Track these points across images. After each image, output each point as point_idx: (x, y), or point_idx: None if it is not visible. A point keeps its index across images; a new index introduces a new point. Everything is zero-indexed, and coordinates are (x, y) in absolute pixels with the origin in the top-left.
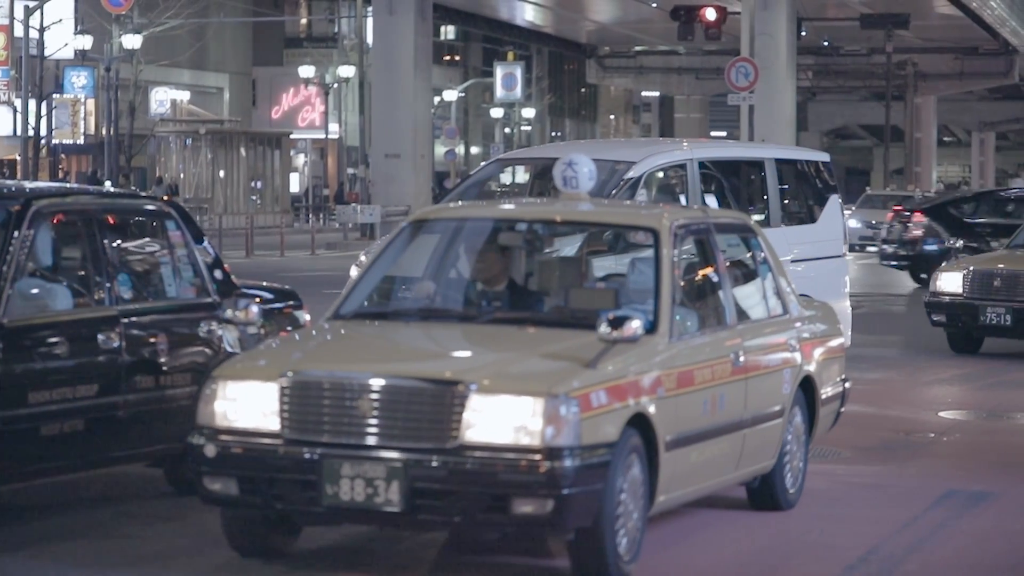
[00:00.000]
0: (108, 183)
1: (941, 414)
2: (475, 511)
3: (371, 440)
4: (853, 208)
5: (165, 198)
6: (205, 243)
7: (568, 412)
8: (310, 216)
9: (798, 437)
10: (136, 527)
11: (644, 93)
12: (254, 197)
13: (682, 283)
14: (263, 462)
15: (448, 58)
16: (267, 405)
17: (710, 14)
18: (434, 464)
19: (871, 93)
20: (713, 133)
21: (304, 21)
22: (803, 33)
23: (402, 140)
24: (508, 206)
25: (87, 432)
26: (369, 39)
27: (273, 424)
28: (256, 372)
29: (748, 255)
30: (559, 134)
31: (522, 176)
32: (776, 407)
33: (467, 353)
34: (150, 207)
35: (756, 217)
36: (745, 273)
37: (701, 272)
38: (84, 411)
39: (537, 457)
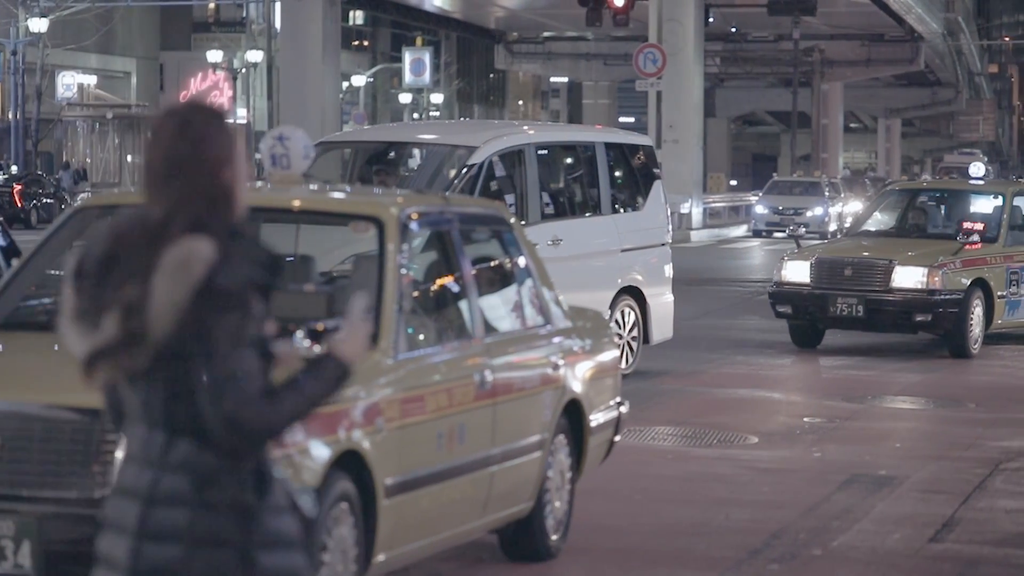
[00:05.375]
0: (14, 167)
1: (844, 399)
2: None
3: None
4: (760, 194)
5: None
6: None
7: None
8: None
9: (562, 473)
10: None
11: (552, 79)
12: None
13: (414, 287)
14: None
15: (357, 43)
16: None
17: (618, 0)
18: (77, 519)
19: (778, 79)
20: (621, 119)
21: (212, 5)
22: (710, 19)
23: (310, 125)
24: None
25: None
26: (278, 23)
27: None
28: None
29: (502, 254)
30: (467, 119)
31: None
32: (534, 438)
33: None
34: None
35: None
36: (498, 276)
37: (440, 273)
38: None
39: None
